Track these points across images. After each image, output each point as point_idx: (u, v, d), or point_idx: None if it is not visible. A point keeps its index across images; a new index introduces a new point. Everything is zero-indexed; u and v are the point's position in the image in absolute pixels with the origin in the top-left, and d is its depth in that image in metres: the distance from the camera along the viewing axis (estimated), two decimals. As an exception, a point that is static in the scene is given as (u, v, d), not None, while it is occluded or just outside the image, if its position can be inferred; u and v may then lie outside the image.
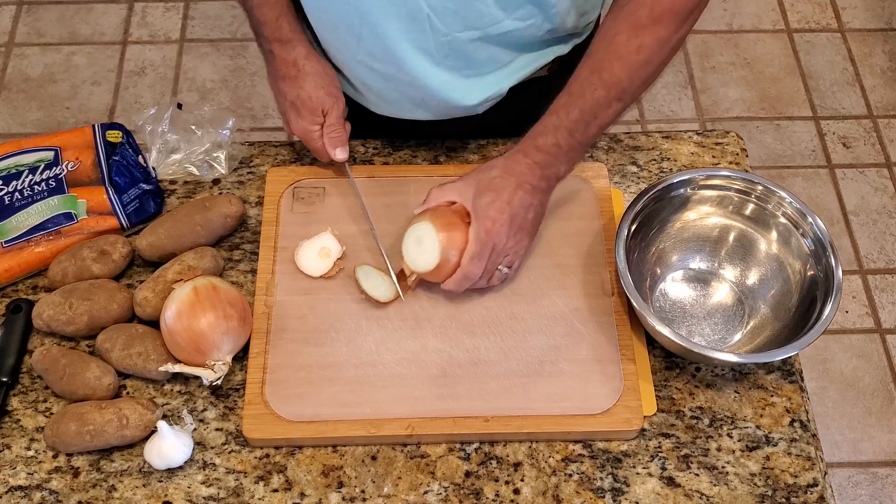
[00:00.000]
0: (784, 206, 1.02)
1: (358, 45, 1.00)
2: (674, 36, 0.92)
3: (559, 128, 0.94)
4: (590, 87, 0.93)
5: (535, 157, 0.95)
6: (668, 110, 2.37)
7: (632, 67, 0.92)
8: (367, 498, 0.91)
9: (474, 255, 0.95)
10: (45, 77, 2.37)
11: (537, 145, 0.95)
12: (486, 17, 0.96)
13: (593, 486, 0.93)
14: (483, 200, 0.95)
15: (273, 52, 1.04)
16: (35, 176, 1.07)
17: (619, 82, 0.92)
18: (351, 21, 0.97)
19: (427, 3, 0.94)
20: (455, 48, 0.99)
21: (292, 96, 1.04)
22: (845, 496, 1.84)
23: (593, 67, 0.93)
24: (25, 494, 0.91)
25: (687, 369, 1.00)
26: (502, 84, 1.06)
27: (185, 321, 0.93)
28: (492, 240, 0.95)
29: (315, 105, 1.04)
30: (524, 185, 0.95)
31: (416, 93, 1.04)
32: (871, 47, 2.50)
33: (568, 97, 0.94)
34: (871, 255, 2.14)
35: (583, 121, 0.94)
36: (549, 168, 0.96)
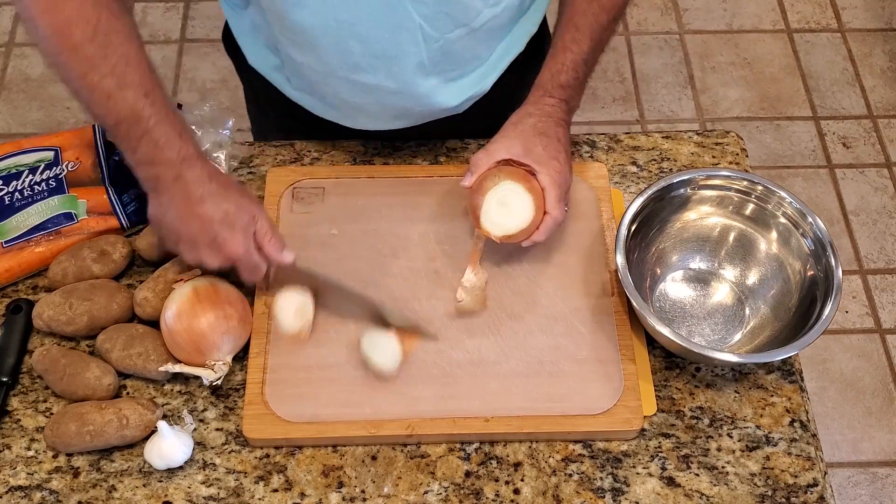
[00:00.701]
0: (784, 206, 1.02)
1: (341, 60, 0.98)
2: None
3: (577, 63, 0.99)
4: (593, 15, 0.98)
5: (561, 94, 0.99)
6: (668, 110, 2.37)
7: None
8: (367, 498, 0.91)
9: (558, 198, 0.96)
10: (45, 77, 2.37)
11: (560, 83, 0.99)
12: (470, 11, 0.97)
13: (593, 486, 0.93)
14: (538, 147, 0.97)
15: (182, 175, 0.88)
16: (35, 176, 1.07)
17: (616, 2, 0.98)
18: (338, 36, 0.95)
19: (418, 13, 0.93)
20: (445, 51, 0.99)
21: (219, 215, 0.89)
22: (845, 496, 1.84)
23: None
24: (25, 494, 0.91)
25: (687, 369, 1.00)
26: (484, 82, 1.07)
27: (186, 321, 0.93)
28: (564, 180, 0.97)
29: (247, 216, 0.91)
30: (561, 123, 0.99)
31: (399, 102, 1.04)
32: (871, 47, 2.50)
33: (575, 31, 0.98)
34: (871, 255, 2.14)
35: (593, 50, 0.99)
36: (572, 101, 1.01)
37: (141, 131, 0.85)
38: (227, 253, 0.90)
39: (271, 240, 0.93)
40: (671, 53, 2.48)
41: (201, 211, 0.89)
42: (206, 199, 0.89)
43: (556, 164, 0.96)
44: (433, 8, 0.93)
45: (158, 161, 0.87)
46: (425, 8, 0.93)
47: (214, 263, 0.91)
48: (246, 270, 0.94)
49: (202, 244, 0.90)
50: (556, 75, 0.99)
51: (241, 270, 0.94)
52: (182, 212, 0.89)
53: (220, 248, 0.90)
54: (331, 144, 1.16)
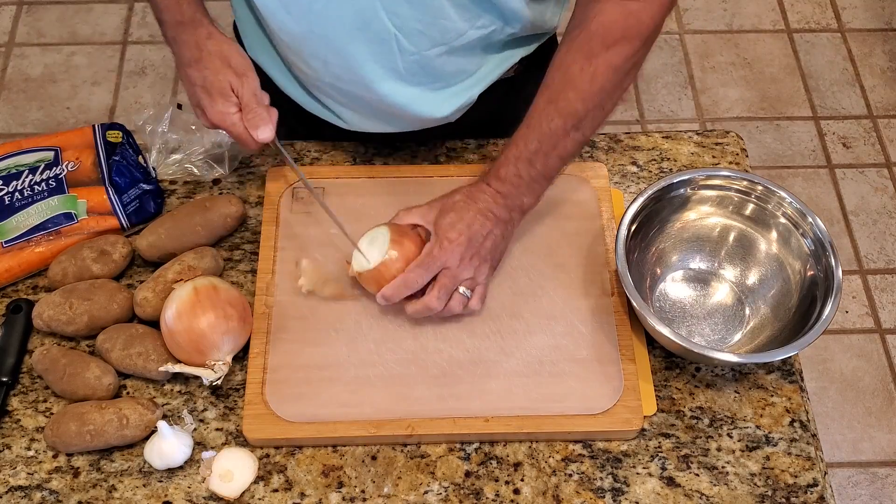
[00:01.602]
0: (784, 206, 1.02)
1: (324, 69, 0.99)
2: (628, 62, 0.92)
3: (519, 158, 0.95)
4: (546, 117, 0.93)
5: (497, 186, 0.96)
6: (668, 110, 2.37)
7: (586, 96, 0.92)
8: (367, 498, 0.91)
9: (420, 263, 0.94)
10: (45, 77, 2.37)
11: (499, 175, 0.96)
12: (451, 32, 0.96)
13: (593, 486, 0.93)
14: (444, 220, 0.95)
15: (176, 38, 0.96)
16: (35, 176, 1.07)
17: (575, 112, 0.92)
18: (317, 44, 0.96)
19: (394, 24, 0.93)
20: (423, 65, 0.99)
21: (199, 80, 0.95)
22: (845, 496, 1.84)
23: (549, 98, 0.93)
24: (25, 494, 0.91)
25: (687, 369, 1.00)
26: (471, 92, 1.06)
27: (186, 321, 0.93)
28: (444, 257, 0.94)
29: (223, 85, 0.94)
30: (486, 213, 0.96)
31: (385, 110, 1.04)
32: (871, 47, 2.50)
33: (527, 128, 0.95)
34: (871, 255, 2.14)
35: (542, 151, 0.94)
36: (511, 198, 0.96)
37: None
38: (206, 121, 0.96)
39: (249, 115, 0.94)
40: (671, 53, 2.48)
41: (188, 74, 0.96)
42: (191, 64, 0.95)
43: (445, 242, 0.94)
44: (407, 21, 0.93)
45: (162, 23, 0.98)
46: (398, 19, 0.93)
47: (204, 123, 0.97)
48: (235, 140, 0.97)
49: (193, 105, 0.97)
50: (498, 167, 0.96)
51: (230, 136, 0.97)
52: (180, 72, 0.98)
53: (203, 113, 0.96)
54: (331, 144, 1.16)
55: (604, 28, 0.90)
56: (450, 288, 0.95)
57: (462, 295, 0.96)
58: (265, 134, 0.94)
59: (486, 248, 0.96)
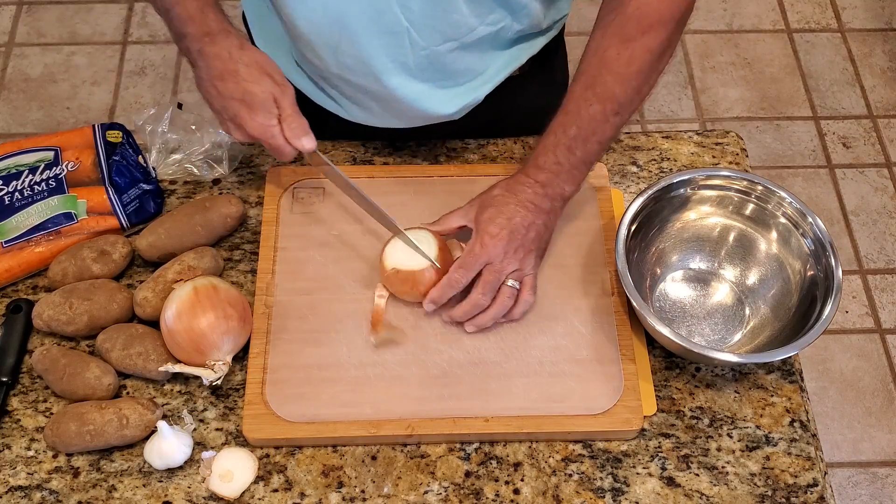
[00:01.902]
0: (784, 206, 1.02)
1: (335, 58, 0.98)
2: (664, 44, 0.92)
3: (558, 146, 0.95)
4: (585, 103, 0.93)
5: (537, 176, 0.96)
6: (668, 110, 2.37)
7: (624, 79, 0.92)
8: (367, 498, 0.91)
9: (462, 263, 0.94)
10: (45, 77, 2.37)
11: (538, 164, 0.96)
12: (462, 27, 0.96)
13: (593, 486, 0.93)
14: (484, 216, 0.95)
15: (203, 51, 0.92)
16: (35, 176, 1.07)
17: (613, 96, 0.93)
18: (330, 34, 0.95)
19: (406, 18, 0.93)
20: (433, 61, 0.99)
21: (238, 93, 0.92)
22: (845, 496, 1.84)
23: (587, 83, 0.93)
24: (25, 494, 0.91)
25: (687, 369, 1.00)
26: (478, 92, 1.06)
27: (185, 321, 0.93)
28: (486, 253, 0.94)
29: (266, 96, 0.92)
30: (526, 204, 0.95)
31: (392, 104, 1.04)
32: (871, 47, 2.50)
33: (564, 115, 0.95)
34: (871, 255, 2.14)
35: (581, 137, 0.94)
36: (551, 187, 0.96)
37: (167, 5, 0.91)
38: (248, 132, 0.93)
39: (291, 124, 0.93)
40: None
41: (222, 88, 0.92)
42: (226, 77, 0.91)
43: (486, 238, 0.94)
44: (419, 15, 0.93)
45: (183, 35, 0.92)
46: (410, 13, 0.93)
47: (238, 137, 0.95)
48: (272, 151, 0.95)
49: (226, 118, 0.94)
50: (536, 156, 0.96)
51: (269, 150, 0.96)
52: (208, 86, 0.93)
53: (241, 127, 0.93)
54: (331, 144, 1.16)
55: (640, 12, 0.90)
56: (495, 283, 0.94)
57: (511, 287, 0.95)
58: (310, 144, 0.95)
59: (529, 239, 0.95)
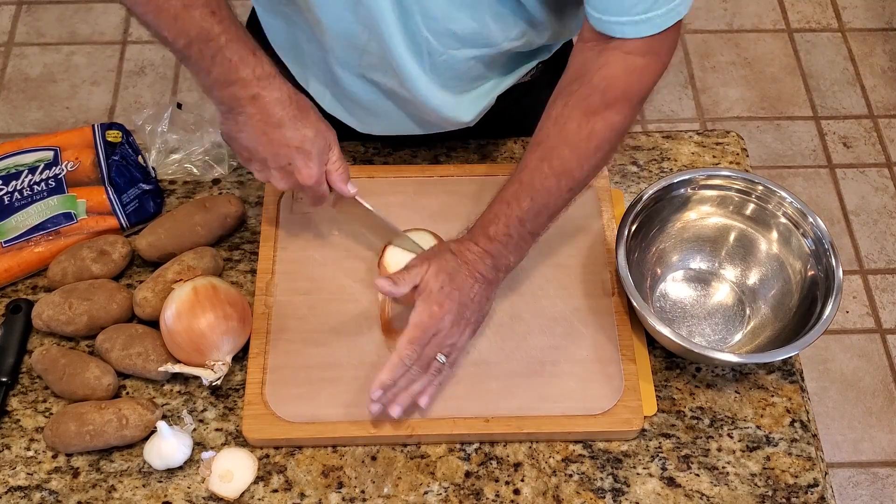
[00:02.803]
0: (784, 206, 1.02)
1: (361, 58, 0.97)
2: (625, 121, 0.89)
3: (510, 217, 0.91)
4: (540, 175, 0.90)
5: (486, 245, 0.92)
6: (668, 110, 2.37)
7: (582, 154, 0.89)
8: (367, 498, 0.91)
9: (412, 339, 0.88)
10: (45, 77, 2.37)
11: (488, 234, 0.92)
12: (483, 38, 0.94)
13: (593, 486, 0.92)
14: (435, 283, 0.90)
15: (260, 96, 0.86)
16: (34, 176, 1.07)
17: (569, 170, 0.90)
18: (359, 34, 0.93)
19: (426, 26, 0.91)
20: (450, 66, 0.97)
21: (297, 140, 0.88)
22: (846, 496, 1.83)
23: (542, 155, 0.90)
24: (25, 495, 0.91)
25: (687, 369, 1.00)
26: (490, 95, 1.05)
27: (185, 321, 0.93)
28: (435, 325, 0.89)
29: (323, 142, 0.90)
30: (475, 275, 0.91)
31: (412, 109, 1.03)
32: (872, 47, 2.50)
33: (518, 185, 0.91)
34: (872, 255, 2.14)
35: (533, 210, 0.91)
36: (499, 258, 0.92)
37: (213, 50, 0.83)
38: (300, 180, 0.90)
39: (339, 169, 0.93)
40: (671, 53, 2.48)
41: (279, 135, 0.87)
42: (284, 123, 0.87)
43: (436, 308, 0.89)
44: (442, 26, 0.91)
45: (234, 80, 0.85)
46: (433, 23, 0.91)
47: (283, 186, 0.92)
48: (312, 197, 0.94)
49: (274, 167, 0.90)
50: (486, 225, 0.91)
51: (306, 195, 0.94)
52: (258, 133, 0.88)
53: (292, 175, 0.90)
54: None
55: (605, 84, 0.86)
56: (432, 356, 0.90)
57: (440, 364, 0.91)
58: (354, 188, 0.95)
59: (471, 311, 0.92)
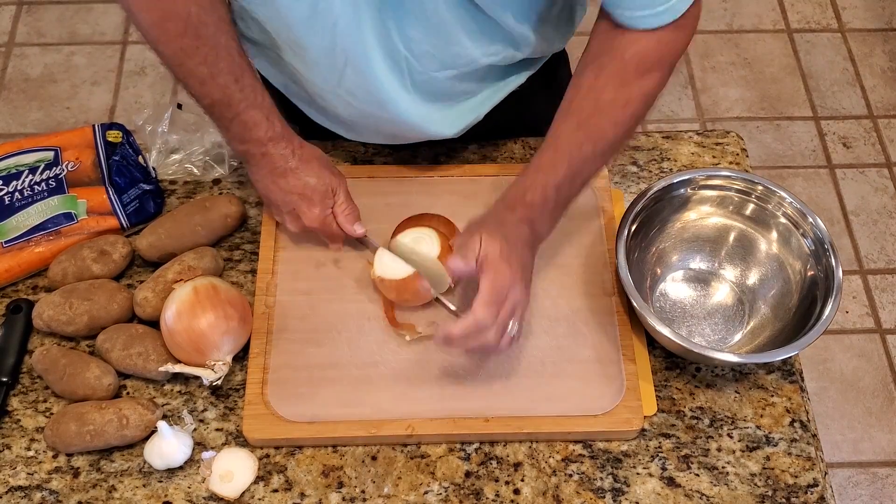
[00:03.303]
0: (784, 206, 1.02)
1: (339, 83, 0.98)
2: (659, 86, 0.92)
3: (547, 185, 0.91)
4: (576, 143, 0.91)
5: (524, 212, 0.91)
6: (668, 110, 2.37)
7: (619, 123, 0.91)
8: (368, 498, 0.91)
9: (488, 300, 0.85)
10: (45, 77, 2.37)
11: (525, 201, 0.92)
12: (462, 58, 0.96)
13: (593, 486, 0.92)
14: (493, 249, 0.87)
15: (268, 152, 0.97)
16: (35, 176, 1.07)
17: (605, 137, 0.92)
18: (335, 60, 0.94)
19: (405, 46, 0.93)
20: (432, 85, 0.98)
21: (299, 187, 0.98)
22: (845, 496, 1.83)
23: (580, 123, 0.91)
24: (25, 494, 0.91)
25: (687, 369, 1.00)
26: (478, 111, 1.06)
27: (185, 321, 0.93)
28: (508, 285, 0.87)
29: (325, 188, 0.99)
30: (521, 238, 0.91)
31: (394, 128, 1.04)
32: (871, 47, 2.50)
33: (554, 153, 0.92)
34: (872, 255, 2.14)
35: (569, 176, 0.92)
36: (537, 225, 0.93)
37: (232, 114, 0.94)
38: (305, 222, 1.00)
39: (345, 211, 1.01)
40: (671, 53, 2.48)
41: (283, 184, 0.98)
42: (288, 174, 0.98)
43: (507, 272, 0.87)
44: (418, 44, 0.93)
45: (248, 140, 0.96)
46: (410, 42, 0.92)
47: (294, 229, 1.02)
48: (326, 237, 1.04)
49: (283, 212, 1.01)
50: (524, 192, 0.91)
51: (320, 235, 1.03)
52: (268, 183, 0.99)
53: (299, 218, 1.00)
54: (331, 144, 1.16)
55: (639, 57, 0.89)
56: (508, 319, 0.88)
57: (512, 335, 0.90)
58: (361, 230, 1.02)
59: (528, 274, 0.92)
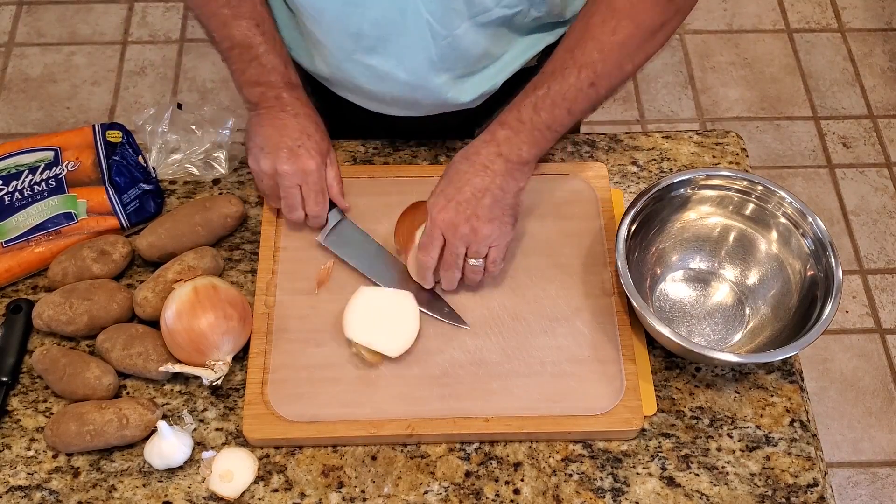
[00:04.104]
0: (784, 206, 1.02)
1: (356, 44, 0.98)
2: (654, 22, 0.91)
3: (524, 102, 0.93)
4: (562, 65, 0.92)
5: (496, 133, 0.94)
6: (668, 110, 2.37)
7: (606, 48, 0.91)
8: (367, 498, 0.91)
9: (422, 245, 0.96)
10: (45, 77, 2.37)
11: (500, 120, 0.95)
12: (477, 6, 0.95)
13: (593, 486, 0.93)
14: (435, 190, 0.96)
15: (280, 96, 1.01)
16: (35, 176, 1.07)
17: (592, 63, 0.91)
18: (350, 19, 0.95)
19: (426, 9, 0.92)
20: (453, 48, 0.98)
21: (304, 134, 1.00)
22: (845, 496, 1.84)
23: (568, 47, 0.93)
24: (25, 494, 0.91)
25: (687, 369, 1.00)
26: (496, 79, 1.06)
27: (185, 321, 0.93)
28: (438, 228, 0.94)
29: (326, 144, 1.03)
30: (478, 169, 0.94)
31: (411, 93, 1.03)
32: (871, 47, 2.50)
33: (540, 75, 0.95)
34: (871, 255, 2.14)
35: (550, 98, 0.92)
36: (507, 145, 0.93)
37: (251, 56, 0.99)
38: (302, 164, 0.99)
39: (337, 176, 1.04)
40: (671, 53, 2.48)
41: (293, 123, 1.00)
42: (300, 116, 1.01)
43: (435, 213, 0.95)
44: (441, 4, 0.93)
45: (264, 83, 1.00)
46: (433, 4, 0.92)
47: (288, 171, 0.99)
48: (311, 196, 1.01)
49: (285, 148, 0.99)
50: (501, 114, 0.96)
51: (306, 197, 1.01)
52: (275, 122, 1.00)
53: (297, 158, 0.99)
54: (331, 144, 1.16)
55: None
56: (453, 262, 0.96)
57: (474, 266, 0.97)
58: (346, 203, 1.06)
59: (484, 207, 0.93)
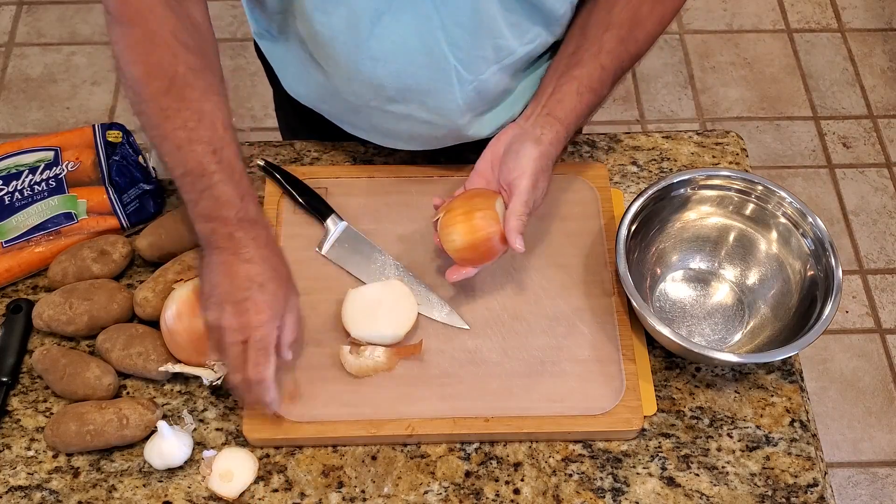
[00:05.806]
0: (784, 206, 1.02)
1: (375, 93, 0.97)
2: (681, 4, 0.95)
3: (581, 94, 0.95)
4: (618, 57, 0.94)
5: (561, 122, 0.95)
6: (668, 110, 2.37)
7: (651, 38, 0.95)
8: (368, 498, 0.91)
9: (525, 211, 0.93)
10: (45, 77, 2.37)
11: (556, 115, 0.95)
12: (504, 50, 0.95)
13: (593, 486, 0.93)
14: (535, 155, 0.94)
15: (233, 235, 0.86)
16: (35, 176, 1.07)
17: (640, 53, 0.96)
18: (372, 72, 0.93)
19: (454, 57, 0.92)
20: (479, 91, 0.98)
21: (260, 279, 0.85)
22: (845, 496, 1.84)
23: (622, 38, 0.94)
24: (25, 494, 0.91)
25: (687, 369, 1.00)
26: (513, 109, 1.06)
27: (186, 321, 0.93)
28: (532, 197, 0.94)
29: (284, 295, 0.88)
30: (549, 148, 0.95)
31: (430, 131, 1.03)
32: (871, 47, 2.50)
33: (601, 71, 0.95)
34: (871, 255, 2.14)
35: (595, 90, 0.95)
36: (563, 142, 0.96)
37: (204, 186, 0.85)
38: (251, 318, 0.85)
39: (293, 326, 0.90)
40: (671, 53, 2.48)
41: (245, 269, 0.86)
42: (254, 261, 0.86)
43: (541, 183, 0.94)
44: (469, 52, 0.92)
45: (216, 217, 0.86)
46: (461, 52, 0.92)
47: (232, 325, 0.85)
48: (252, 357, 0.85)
49: (230, 301, 0.85)
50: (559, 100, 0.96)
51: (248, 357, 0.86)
52: (226, 267, 0.86)
53: (246, 311, 0.85)
54: (331, 144, 1.16)
55: None
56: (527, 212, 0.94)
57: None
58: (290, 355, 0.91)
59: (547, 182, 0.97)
